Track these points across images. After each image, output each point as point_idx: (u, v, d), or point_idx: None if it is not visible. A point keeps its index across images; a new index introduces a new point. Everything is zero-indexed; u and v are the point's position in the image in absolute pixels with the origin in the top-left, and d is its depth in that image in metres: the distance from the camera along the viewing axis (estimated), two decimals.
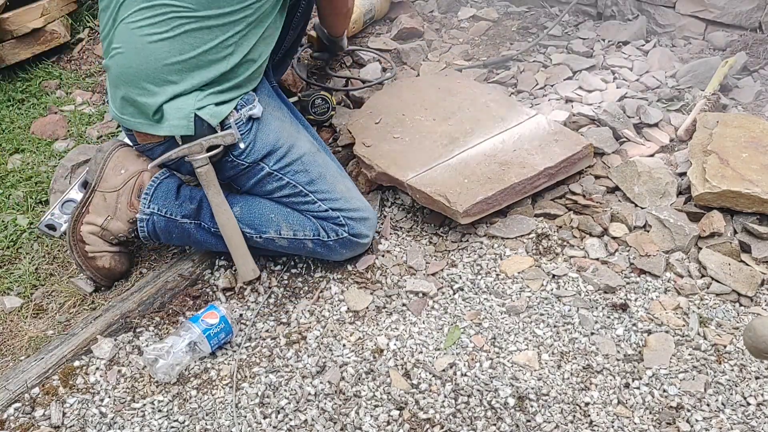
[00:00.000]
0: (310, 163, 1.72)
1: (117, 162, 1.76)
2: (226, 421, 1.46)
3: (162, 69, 1.60)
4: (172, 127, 1.63)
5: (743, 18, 2.51)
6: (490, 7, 2.97)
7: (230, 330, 1.60)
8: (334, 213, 1.71)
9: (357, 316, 1.67)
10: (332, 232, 1.71)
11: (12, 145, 2.34)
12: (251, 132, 1.67)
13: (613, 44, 2.59)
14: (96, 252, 1.76)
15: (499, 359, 1.53)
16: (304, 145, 1.75)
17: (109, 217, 1.75)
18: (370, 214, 1.77)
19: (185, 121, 1.62)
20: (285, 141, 1.71)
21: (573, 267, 1.73)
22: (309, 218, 1.71)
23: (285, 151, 1.70)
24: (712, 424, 1.38)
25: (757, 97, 2.22)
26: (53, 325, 1.72)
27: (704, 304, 1.61)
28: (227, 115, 1.64)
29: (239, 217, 1.71)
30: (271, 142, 1.69)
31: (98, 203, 1.75)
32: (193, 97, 1.62)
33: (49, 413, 1.49)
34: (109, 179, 1.75)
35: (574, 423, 1.40)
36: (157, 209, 1.74)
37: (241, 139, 1.65)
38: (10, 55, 2.66)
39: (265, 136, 1.69)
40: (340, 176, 1.79)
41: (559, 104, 2.23)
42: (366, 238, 1.75)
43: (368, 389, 1.50)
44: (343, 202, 1.72)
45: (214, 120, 1.62)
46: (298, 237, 1.71)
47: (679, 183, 1.87)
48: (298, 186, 1.71)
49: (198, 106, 1.62)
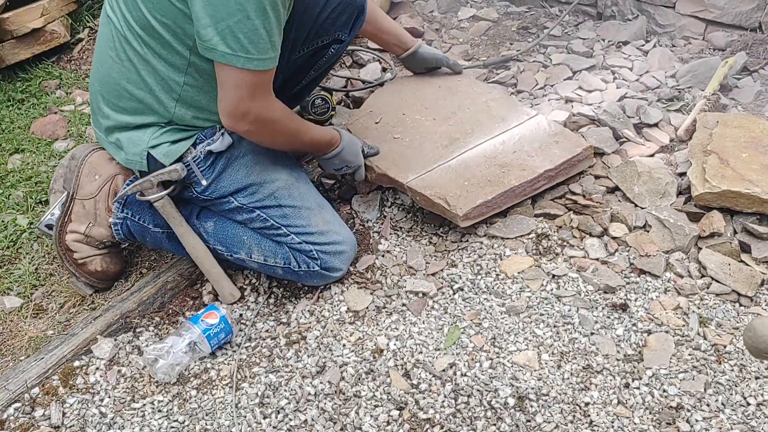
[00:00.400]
0: (283, 197, 1.67)
1: (90, 168, 1.75)
2: (226, 421, 1.46)
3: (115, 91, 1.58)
4: (127, 160, 1.62)
5: (743, 18, 2.51)
6: (490, 7, 2.97)
7: (230, 330, 1.60)
8: (307, 246, 1.66)
9: (357, 316, 1.67)
10: (303, 264, 1.67)
11: (12, 145, 2.34)
12: (214, 168, 1.63)
13: (613, 44, 2.59)
14: (85, 258, 1.76)
15: (499, 359, 1.53)
16: (279, 177, 1.69)
17: (91, 224, 1.75)
18: (347, 246, 1.71)
19: (138, 158, 1.60)
20: (257, 176, 1.66)
21: (573, 267, 1.73)
22: (282, 246, 1.68)
23: (256, 188, 1.66)
24: (712, 424, 1.38)
25: (757, 97, 2.22)
26: (53, 325, 1.72)
27: (704, 304, 1.61)
28: (184, 152, 1.60)
29: (212, 233, 1.70)
30: (240, 178, 1.64)
31: (78, 211, 1.75)
32: (149, 133, 1.59)
33: (49, 413, 1.49)
34: (84, 186, 1.75)
35: (574, 423, 1.40)
36: (131, 214, 1.74)
37: (202, 177, 1.62)
38: (10, 55, 2.66)
39: (234, 171, 1.64)
40: (318, 208, 1.71)
41: (559, 104, 2.23)
42: (338, 272, 1.71)
43: (368, 389, 1.50)
44: (318, 236, 1.67)
45: (166, 159, 1.59)
46: (269, 263, 1.69)
47: (679, 183, 1.87)
48: (269, 220, 1.67)
49: (152, 144, 1.59)
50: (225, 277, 1.71)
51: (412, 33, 2.73)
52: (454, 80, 2.23)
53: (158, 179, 1.60)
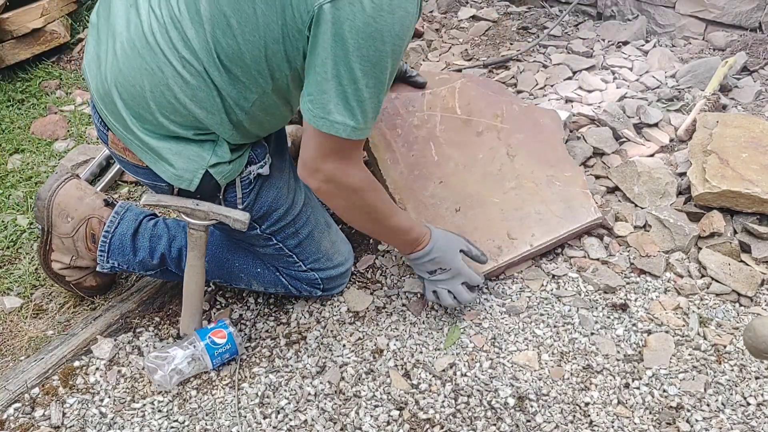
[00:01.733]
0: (302, 223, 1.57)
1: (59, 210, 1.63)
2: (226, 421, 1.46)
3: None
4: (175, 176, 1.40)
5: (743, 18, 2.51)
6: (490, 7, 2.97)
7: (236, 351, 1.56)
8: (312, 274, 1.62)
9: (357, 317, 1.67)
10: (305, 291, 1.65)
11: (12, 145, 2.34)
12: (253, 191, 1.48)
13: (613, 44, 2.59)
14: (77, 279, 1.72)
15: (499, 359, 1.53)
16: (299, 199, 1.57)
17: (74, 257, 1.68)
18: (348, 265, 1.67)
19: (190, 175, 1.39)
20: (284, 199, 1.53)
21: (573, 267, 1.73)
22: (280, 278, 1.63)
23: (282, 213, 1.53)
24: (712, 424, 1.38)
25: (757, 97, 2.22)
26: (53, 325, 1.72)
27: (704, 304, 1.61)
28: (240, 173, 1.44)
29: (207, 270, 1.58)
30: (270, 201, 1.51)
31: (58, 245, 1.66)
32: (207, 148, 1.39)
33: (49, 413, 1.49)
34: (59, 226, 1.64)
35: (574, 423, 1.40)
36: (117, 264, 1.65)
37: (241, 200, 1.47)
38: (10, 55, 2.66)
39: (266, 193, 1.50)
40: (326, 228, 1.64)
41: (559, 104, 2.23)
42: (337, 289, 1.69)
43: (368, 389, 1.50)
44: (324, 261, 1.61)
45: (224, 181, 1.42)
46: (269, 292, 1.68)
47: (678, 183, 1.87)
48: (285, 249, 1.58)
49: (213, 162, 1.39)
50: (199, 315, 1.60)
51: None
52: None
53: (216, 217, 1.44)
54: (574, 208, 1.75)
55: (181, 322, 1.60)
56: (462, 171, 1.80)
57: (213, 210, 1.44)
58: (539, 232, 1.71)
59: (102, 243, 1.63)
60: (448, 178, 1.80)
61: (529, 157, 1.85)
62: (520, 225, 1.72)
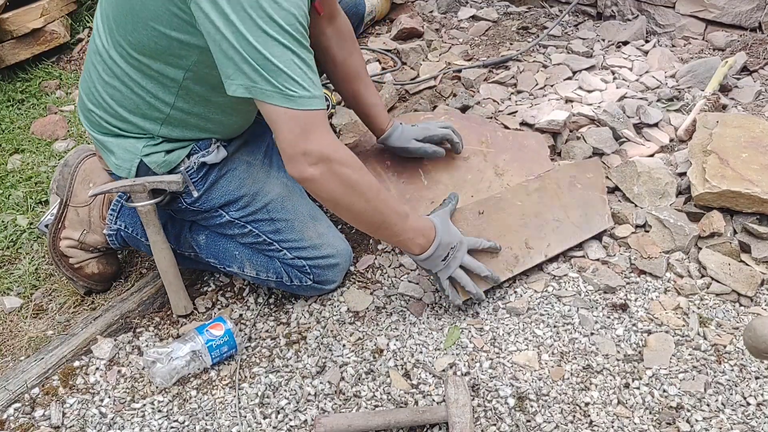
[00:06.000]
0: (276, 211, 1.61)
1: (84, 176, 1.73)
2: (226, 421, 1.46)
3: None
4: (116, 165, 1.55)
5: (743, 18, 2.51)
6: (490, 7, 2.97)
7: (234, 345, 1.56)
8: (299, 262, 1.62)
9: (357, 317, 1.67)
10: (296, 279, 1.64)
11: (12, 145, 2.34)
12: (206, 179, 1.57)
13: (613, 44, 2.59)
14: (81, 262, 1.75)
15: (499, 359, 1.53)
16: (272, 190, 1.62)
17: (85, 231, 1.74)
18: (341, 258, 1.66)
19: (128, 164, 1.54)
20: (249, 189, 1.60)
21: (573, 267, 1.73)
22: (273, 261, 1.64)
23: (248, 200, 1.59)
24: (712, 424, 1.38)
25: (757, 97, 2.22)
26: (53, 325, 1.72)
27: (704, 304, 1.61)
28: (179, 162, 1.54)
29: (204, 246, 1.67)
30: (232, 190, 1.59)
31: (72, 218, 1.74)
32: (143, 141, 1.52)
33: (49, 413, 1.49)
34: (78, 194, 1.73)
35: (574, 423, 1.40)
36: (124, 226, 1.71)
37: (194, 188, 1.57)
38: (10, 55, 2.67)
39: (226, 183, 1.59)
40: (311, 220, 1.64)
41: (559, 104, 2.23)
42: (332, 284, 1.69)
43: (368, 389, 1.50)
44: (311, 250, 1.62)
45: (161, 169, 1.53)
46: (261, 277, 1.67)
47: (678, 183, 1.87)
48: (261, 235, 1.61)
49: (146, 152, 1.52)
50: (182, 290, 1.67)
51: (412, 33, 2.74)
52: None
53: (153, 186, 1.54)
54: (590, 216, 1.78)
55: (172, 304, 1.67)
56: (451, 191, 1.80)
57: (149, 180, 1.55)
58: (554, 241, 1.73)
59: (115, 203, 1.73)
60: (438, 198, 1.82)
61: (518, 175, 1.91)
62: (517, 236, 1.74)
